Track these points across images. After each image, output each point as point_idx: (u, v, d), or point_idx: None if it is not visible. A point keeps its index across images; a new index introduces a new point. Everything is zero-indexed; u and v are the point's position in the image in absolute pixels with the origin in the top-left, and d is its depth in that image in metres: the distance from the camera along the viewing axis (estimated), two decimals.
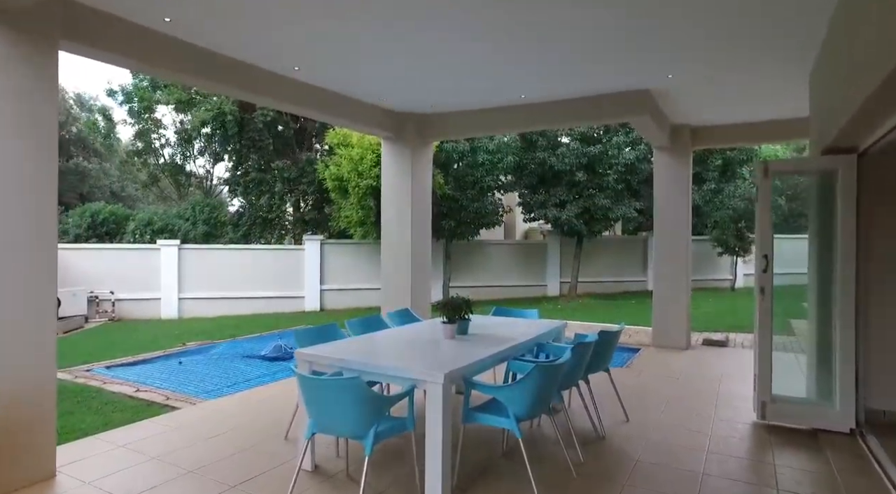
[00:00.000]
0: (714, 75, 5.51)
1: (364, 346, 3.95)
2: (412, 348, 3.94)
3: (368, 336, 4.38)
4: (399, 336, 4.42)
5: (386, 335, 4.46)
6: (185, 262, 13.47)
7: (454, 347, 3.88)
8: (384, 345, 4.06)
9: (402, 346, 4.03)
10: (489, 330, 4.62)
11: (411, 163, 7.18)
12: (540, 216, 14.82)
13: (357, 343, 4.08)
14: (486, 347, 3.85)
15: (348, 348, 3.84)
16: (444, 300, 4.17)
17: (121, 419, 5.26)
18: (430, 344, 4.03)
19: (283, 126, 15.14)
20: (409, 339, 4.24)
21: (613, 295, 16.66)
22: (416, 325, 4.95)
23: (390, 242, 7.33)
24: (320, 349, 3.75)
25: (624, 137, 13.92)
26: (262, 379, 7.11)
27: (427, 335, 4.39)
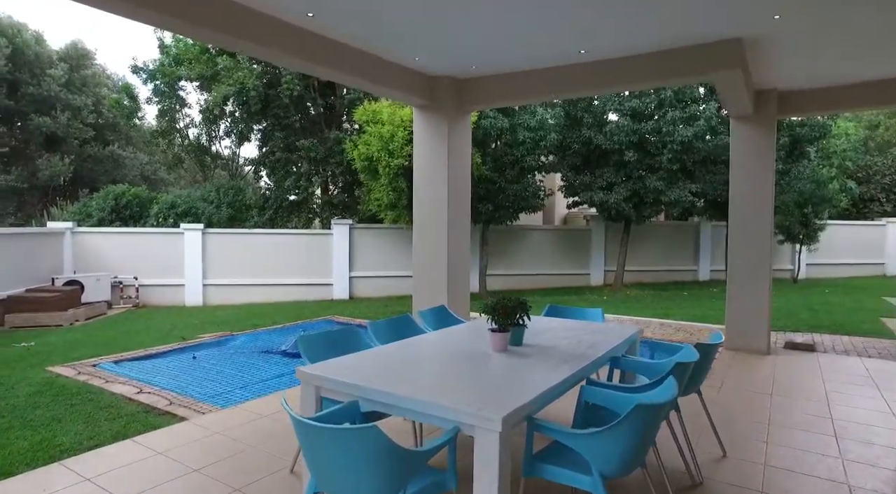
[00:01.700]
0: (834, 15, 4.32)
1: (390, 363, 3.02)
2: (453, 366, 3.00)
3: (397, 345, 3.45)
4: (436, 346, 3.48)
5: (419, 345, 3.52)
6: (208, 247, 12.87)
7: (509, 366, 2.92)
8: (417, 362, 3.13)
9: (440, 363, 3.09)
10: (547, 337, 3.64)
11: (448, 135, 6.19)
12: (585, 199, 13.63)
13: (381, 357, 3.15)
14: (551, 366, 2.87)
15: (369, 366, 2.92)
16: (495, 301, 3.21)
17: (109, 431, 4.52)
18: (476, 359, 3.08)
19: (311, 102, 14.28)
20: (450, 352, 3.30)
21: (663, 286, 15.40)
22: (456, 330, 4.00)
23: (423, 227, 6.38)
24: (332, 366, 2.85)
25: (680, 113, 12.55)
26: (277, 381, 6.31)
27: (471, 345, 3.44)
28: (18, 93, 18.95)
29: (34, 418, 4.94)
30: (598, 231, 15.84)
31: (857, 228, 17.48)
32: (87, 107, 19.91)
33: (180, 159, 16.90)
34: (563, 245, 15.77)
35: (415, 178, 6.47)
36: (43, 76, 19.26)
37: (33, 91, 18.97)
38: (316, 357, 3.24)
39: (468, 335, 3.76)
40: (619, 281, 14.72)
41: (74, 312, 10.40)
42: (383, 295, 13.54)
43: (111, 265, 12.38)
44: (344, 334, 3.60)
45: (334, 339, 3.52)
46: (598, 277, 15.84)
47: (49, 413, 5.04)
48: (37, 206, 19.07)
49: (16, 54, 18.71)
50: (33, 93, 18.98)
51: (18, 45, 18.79)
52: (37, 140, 19.38)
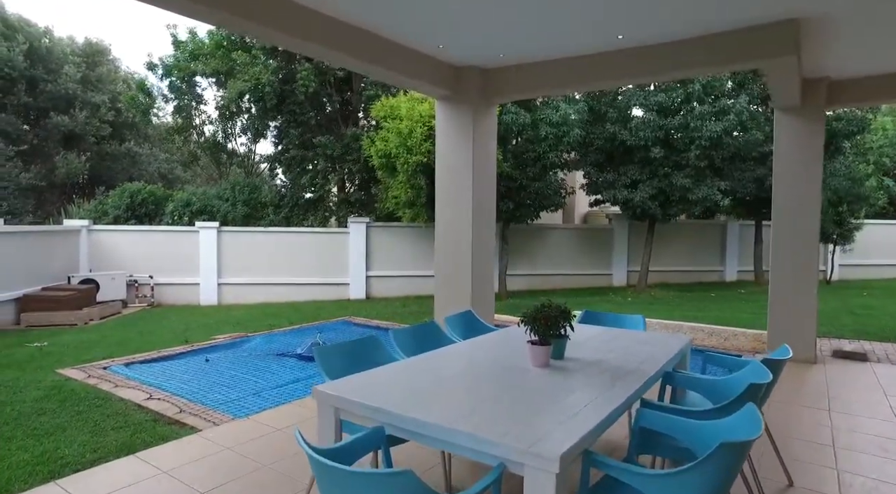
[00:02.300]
0: None
1: (418, 380, 2.68)
2: (491, 385, 2.64)
3: (425, 358, 3.10)
4: (468, 360, 3.13)
5: (449, 358, 3.17)
6: (224, 246, 12.67)
7: (554, 385, 2.56)
8: (448, 379, 2.77)
9: (475, 381, 2.73)
10: (589, 349, 3.27)
11: (473, 128, 5.83)
12: (609, 197, 13.17)
13: (408, 372, 2.81)
14: (602, 386, 2.51)
15: (394, 384, 2.58)
16: (535, 310, 2.85)
17: (114, 443, 4.24)
18: (515, 377, 2.72)
19: (327, 98, 14.00)
20: (484, 367, 2.95)
21: (688, 286, 14.88)
22: (488, 340, 3.64)
23: (446, 225, 6.03)
24: (352, 384, 2.51)
25: (709, 107, 12.03)
26: (292, 388, 6.01)
27: (507, 358, 3.08)
28: (37, 90, 18.99)
29: (38, 426, 4.70)
30: (620, 230, 15.37)
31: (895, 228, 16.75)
32: (104, 104, 19.90)
33: (196, 156, 16.74)
34: (585, 244, 15.33)
35: (437, 174, 6.13)
36: (59, 73, 19.27)
37: (51, 88, 18.98)
38: (334, 370, 2.91)
39: (502, 346, 3.40)
40: (642, 282, 14.24)
41: (89, 311, 10.25)
42: (401, 294, 13.23)
43: (126, 263, 12.24)
44: (364, 344, 3.26)
45: (354, 350, 3.19)
46: (621, 277, 15.36)
47: (54, 421, 4.80)
48: (56, 204, 19.10)
49: (31, 51, 18.73)
50: (51, 91, 19.00)
51: (33, 43, 18.83)
52: (55, 137, 19.41)
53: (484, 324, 4.32)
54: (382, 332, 8.84)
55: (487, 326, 4.28)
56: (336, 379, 2.85)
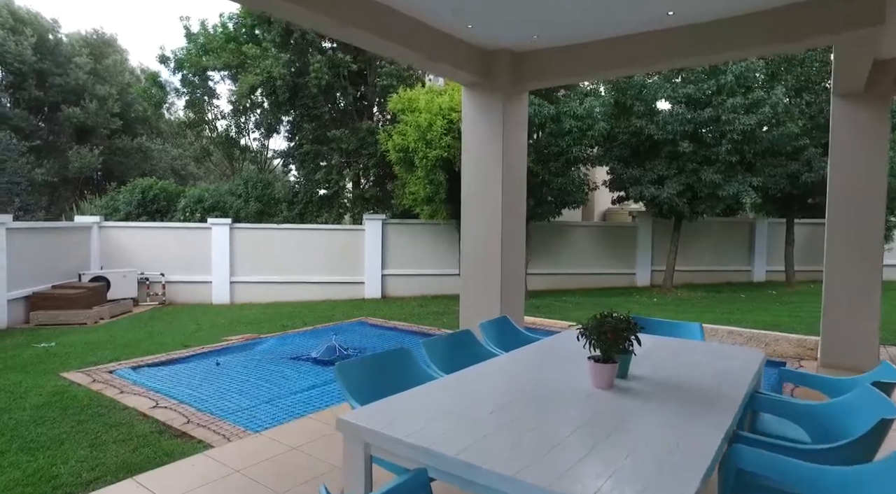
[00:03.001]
0: None
1: (463, 406, 2.24)
2: (552, 414, 2.19)
3: (466, 377, 2.65)
4: (517, 379, 2.69)
5: (494, 376, 2.72)
6: (236, 243, 12.33)
7: (627, 412, 2.11)
8: (500, 406, 2.32)
9: (531, 408, 2.28)
10: (654, 364, 2.81)
11: (503, 116, 5.38)
12: (635, 194, 12.62)
13: (449, 396, 2.37)
14: (687, 413, 2.05)
15: (435, 412, 2.14)
16: (598, 321, 2.40)
17: (115, 459, 3.87)
18: (576, 401, 2.28)
19: (341, 92, 13.60)
20: (539, 388, 2.51)
21: (715, 287, 14.29)
22: (533, 352, 3.19)
23: (473, 222, 5.59)
24: (385, 413, 2.08)
25: (742, 99, 11.44)
26: (308, 395, 5.62)
27: (561, 376, 2.64)
28: (46, 83, 18.82)
29: (35, 438, 4.34)
30: (644, 228, 14.81)
31: None
32: (112, 96, 19.68)
33: (208, 151, 16.44)
34: (607, 243, 14.80)
35: (463, 167, 5.68)
36: (69, 65, 19.07)
37: (60, 81, 18.80)
38: (359, 390, 2.48)
39: (551, 360, 2.95)
40: (668, 282, 13.68)
41: (99, 310, 9.96)
42: (418, 294, 12.82)
43: (138, 261, 11.96)
44: (393, 357, 2.83)
45: (381, 364, 2.76)
46: (645, 277, 14.81)
47: (53, 432, 4.44)
48: (69, 200, 18.95)
49: (39, 44, 18.56)
50: (61, 84, 18.82)
51: (42, 35, 18.65)
52: (67, 131, 19.25)
53: (521, 332, 3.88)
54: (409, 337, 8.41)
55: (526, 334, 3.83)
56: (361, 398, 2.43)
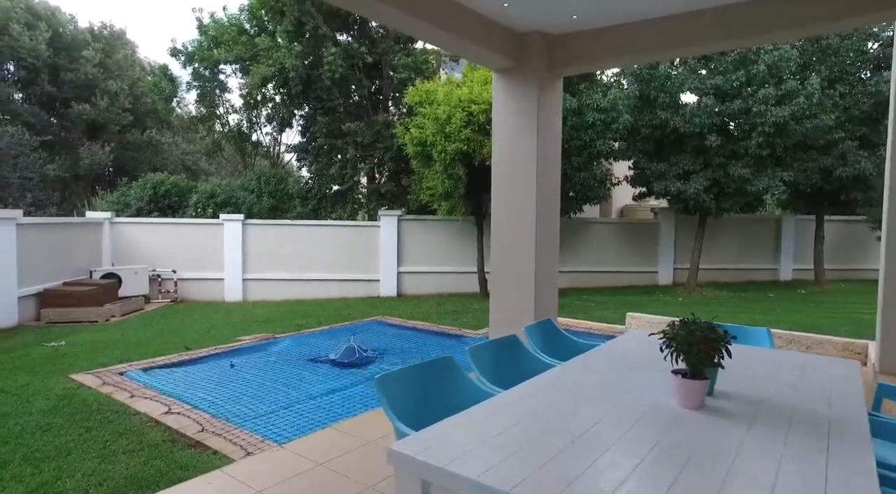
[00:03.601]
0: None
1: (537, 432, 1.89)
2: (642, 443, 1.82)
3: (523, 392, 2.30)
4: (586, 394, 2.33)
5: (560, 392, 2.36)
6: (249, 239, 12.06)
7: (730, 441, 1.75)
8: (576, 434, 1.95)
9: (616, 434, 1.91)
10: (734, 378, 2.44)
11: (538, 104, 5.01)
12: (660, 189, 12.18)
13: (514, 420, 2.02)
14: (816, 447, 1.69)
15: (502, 440, 1.79)
16: (687, 330, 2.04)
17: (124, 472, 3.57)
18: (665, 424, 1.92)
19: (356, 84, 13.26)
20: (615, 406, 2.15)
21: (740, 286, 13.83)
22: (592, 360, 2.83)
23: (505, 217, 5.23)
24: (444, 442, 1.73)
25: (774, 90, 10.95)
26: (328, 400, 5.30)
27: (634, 392, 2.28)
28: (59, 79, 18.67)
29: (41, 447, 4.06)
30: (667, 225, 14.36)
31: None
32: (122, 91, 19.50)
33: (220, 146, 16.18)
34: (628, 240, 14.37)
35: (494, 159, 5.33)
36: (80, 60, 18.90)
37: (72, 76, 18.63)
38: (402, 407, 2.14)
39: (617, 372, 2.60)
40: (692, 281, 13.24)
41: (110, 308, 9.72)
42: (434, 292, 12.48)
43: (149, 257, 11.72)
44: (438, 367, 2.50)
45: (425, 375, 2.42)
46: (667, 275, 14.36)
47: (59, 441, 4.16)
48: (81, 196, 18.80)
49: (54, 39, 18.40)
50: (73, 79, 18.65)
51: (56, 30, 18.49)
52: (79, 128, 19.09)
53: (567, 336, 3.53)
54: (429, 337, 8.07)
55: (572, 339, 3.48)
56: (404, 417, 2.09)
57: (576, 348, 3.48)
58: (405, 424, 2.09)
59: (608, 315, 9.68)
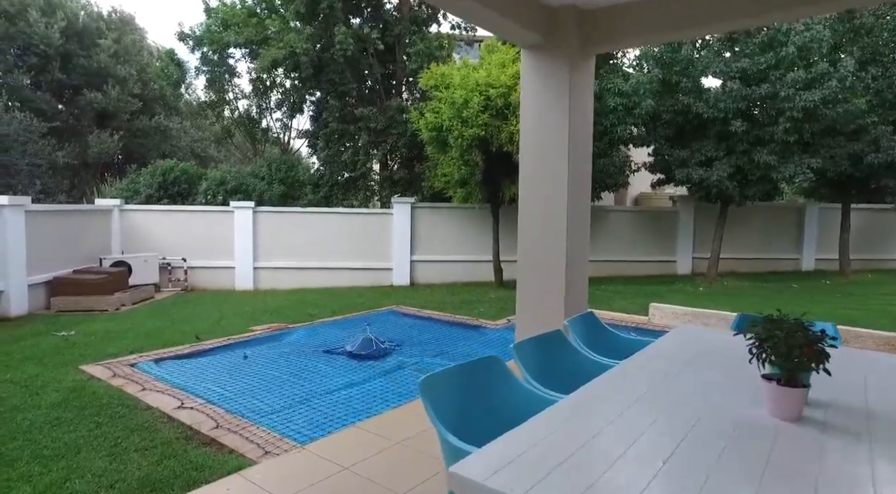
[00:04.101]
0: None
1: (617, 452, 1.62)
2: (751, 462, 1.55)
3: (587, 398, 2.03)
4: (658, 401, 2.05)
5: (627, 399, 2.08)
6: (260, 227, 11.85)
7: (849, 461, 1.48)
8: (666, 449, 1.68)
9: (710, 453, 1.64)
10: (822, 385, 2.16)
11: (570, 82, 4.69)
12: (682, 176, 11.80)
13: (588, 432, 1.75)
14: None
15: (582, 461, 1.53)
16: (784, 330, 1.75)
17: (136, 473, 3.36)
18: (765, 440, 1.65)
19: (368, 69, 12.92)
20: (695, 414, 1.87)
21: (762, 276, 13.48)
22: (655, 359, 2.55)
23: (533, 202, 4.95)
24: (513, 465, 1.47)
25: (803, 73, 10.51)
26: (347, 394, 5.07)
27: (713, 397, 2.00)
28: (70, 66, 18.45)
29: (50, 443, 3.86)
30: (686, 213, 14.00)
31: None
32: (131, 77, 19.25)
33: (229, 132, 15.91)
34: (646, 228, 14.03)
35: (522, 141, 5.02)
36: (93, 47, 18.66)
37: (84, 63, 18.41)
38: (447, 413, 1.89)
39: (686, 374, 2.32)
40: (713, 270, 12.90)
41: (120, 296, 9.55)
42: (447, 281, 12.24)
43: (159, 245, 11.54)
44: (483, 368, 2.23)
45: (470, 376, 2.17)
46: (686, 265, 14.03)
47: (69, 437, 3.96)
48: (90, 184, 18.65)
49: (68, 27, 18.17)
50: (84, 66, 18.43)
51: (71, 18, 18.24)
52: (88, 116, 18.90)
53: (610, 330, 3.26)
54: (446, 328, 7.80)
55: (617, 334, 3.21)
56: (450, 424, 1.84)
57: (621, 344, 3.21)
58: (450, 431, 1.84)
59: (628, 305, 9.41)
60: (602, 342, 3.11)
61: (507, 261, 11.95)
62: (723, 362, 2.49)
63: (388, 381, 5.43)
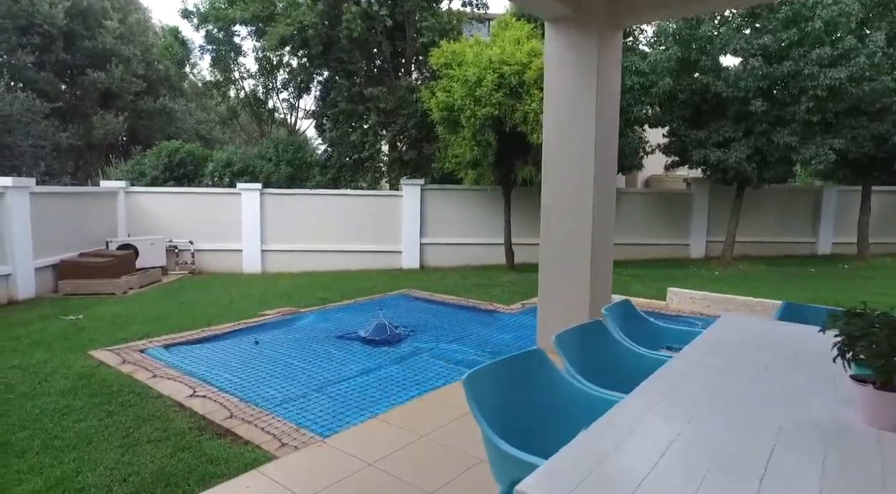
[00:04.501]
0: None
1: (693, 465, 1.43)
2: (856, 486, 1.36)
3: (644, 399, 1.84)
4: (723, 403, 1.86)
5: (688, 399, 1.89)
6: (267, 209, 11.67)
7: None
8: (743, 459, 1.47)
9: (796, 468, 1.44)
10: None
11: (598, 57, 4.44)
12: (699, 158, 11.49)
13: (646, 437, 1.57)
14: None
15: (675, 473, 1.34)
16: (883, 327, 1.56)
17: (150, 467, 3.22)
18: (860, 450, 1.47)
19: (377, 47, 12.58)
20: (772, 422, 1.68)
21: (776, 260, 13.22)
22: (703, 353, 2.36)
23: (558, 183, 4.73)
24: (578, 476, 1.30)
25: (829, 49, 10.13)
26: (364, 381, 4.92)
27: (784, 396, 1.82)
28: (74, 46, 18.14)
29: (60, 433, 3.73)
30: (700, 195, 13.71)
31: None
32: (135, 57, 18.94)
33: (235, 112, 15.63)
34: (659, 211, 13.76)
35: (546, 119, 4.79)
36: (98, 28, 18.33)
37: (88, 44, 18.10)
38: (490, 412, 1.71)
39: (747, 370, 2.13)
40: (727, 254, 12.65)
41: (128, 279, 9.43)
42: (458, 264, 12.06)
43: (165, 228, 11.40)
44: (525, 362, 2.05)
45: (513, 373, 1.99)
46: (699, 249, 13.79)
47: (80, 426, 3.83)
48: (94, 165, 18.47)
49: (72, 5, 17.83)
50: (88, 47, 18.12)
51: None
52: (92, 96, 18.64)
53: (649, 320, 3.06)
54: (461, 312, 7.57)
55: (656, 324, 3.02)
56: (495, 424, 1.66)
57: (658, 334, 3.03)
58: (495, 430, 1.67)
59: (644, 290, 9.21)
60: (640, 331, 2.92)
61: (519, 244, 11.76)
62: (786, 356, 2.30)
63: (405, 368, 5.27)
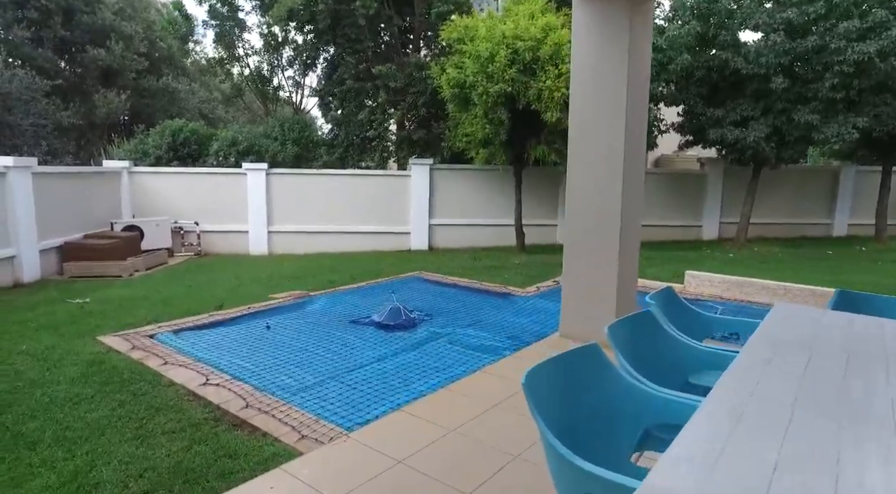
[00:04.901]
0: None
1: (802, 485, 1.24)
2: None
3: (724, 402, 1.64)
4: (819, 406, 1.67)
5: (776, 405, 1.70)
6: (273, 189, 11.44)
7: None
8: (861, 476, 1.29)
9: None
10: None
11: (630, 28, 4.17)
12: (716, 137, 11.17)
13: (746, 450, 1.38)
14: None
15: None
16: None
17: (166, 461, 3.07)
18: None
19: (385, 22, 12.19)
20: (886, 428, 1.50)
21: (792, 241, 12.99)
22: (774, 348, 2.16)
23: (585, 158, 4.50)
24: None
25: (858, 22, 9.73)
26: (381, 368, 4.77)
27: (885, 397, 1.63)
28: (73, 22, 17.71)
29: (72, 424, 3.59)
30: (714, 176, 13.43)
31: None
32: (138, 34, 18.52)
33: (240, 90, 15.28)
34: (671, 192, 13.49)
35: (573, 90, 4.54)
36: (97, 3, 17.88)
37: (87, 19, 17.67)
38: (549, 415, 1.53)
39: (828, 366, 1.94)
40: (742, 235, 12.41)
41: (133, 261, 9.28)
42: (467, 246, 11.87)
43: (170, 208, 11.20)
44: (580, 357, 1.86)
45: (569, 370, 1.80)
46: (713, 230, 13.55)
47: (91, 417, 3.69)
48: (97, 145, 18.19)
49: None
50: (87, 23, 17.69)
51: None
52: (93, 74, 18.27)
53: (695, 310, 2.87)
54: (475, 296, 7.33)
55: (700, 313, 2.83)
56: (555, 427, 1.48)
57: (703, 324, 2.84)
58: (554, 433, 1.49)
59: (659, 272, 9.02)
60: (685, 321, 2.73)
61: (530, 226, 11.55)
62: (862, 351, 2.11)
63: (422, 355, 5.12)
